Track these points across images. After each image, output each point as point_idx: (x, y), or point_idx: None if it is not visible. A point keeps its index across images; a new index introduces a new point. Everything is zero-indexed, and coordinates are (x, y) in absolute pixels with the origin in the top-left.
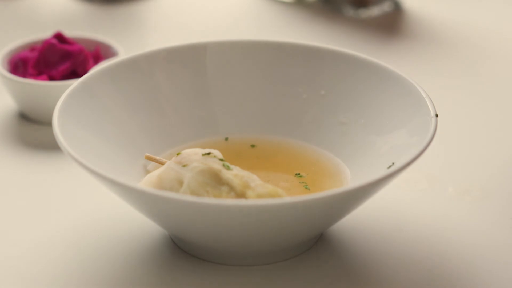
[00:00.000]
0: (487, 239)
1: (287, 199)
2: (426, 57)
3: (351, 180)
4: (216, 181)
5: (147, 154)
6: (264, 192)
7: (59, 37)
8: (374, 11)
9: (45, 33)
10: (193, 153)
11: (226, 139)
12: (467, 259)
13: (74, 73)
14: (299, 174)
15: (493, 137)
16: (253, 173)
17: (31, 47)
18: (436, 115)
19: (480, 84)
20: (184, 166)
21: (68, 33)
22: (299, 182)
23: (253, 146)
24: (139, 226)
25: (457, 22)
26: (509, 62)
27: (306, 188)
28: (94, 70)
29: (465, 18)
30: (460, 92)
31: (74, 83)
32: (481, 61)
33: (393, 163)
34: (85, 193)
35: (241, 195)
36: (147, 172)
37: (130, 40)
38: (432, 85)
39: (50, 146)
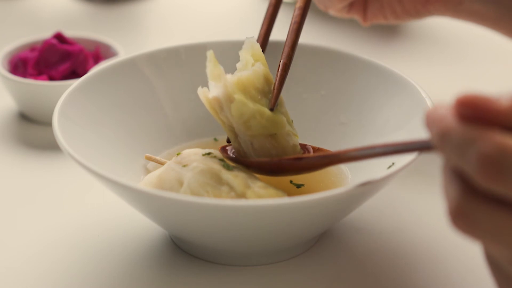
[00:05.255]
0: None
1: (287, 199)
2: (426, 57)
3: (351, 180)
4: (216, 181)
5: (147, 154)
6: (264, 192)
7: (59, 37)
8: None
9: (45, 33)
10: (193, 153)
11: (215, 139)
12: (467, 259)
13: (74, 73)
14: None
15: None
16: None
17: (31, 47)
18: None
19: (480, 84)
20: (184, 166)
21: (68, 33)
22: (299, 184)
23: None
24: (139, 226)
25: (457, 23)
26: (511, 63)
27: (304, 188)
28: (94, 70)
29: None
30: (460, 92)
31: (74, 83)
32: (482, 61)
33: (393, 163)
34: (85, 193)
35: (241, 195)
36: (147, 172)
37: (130, 40)
38: (432, 85)
39: (50, 146)
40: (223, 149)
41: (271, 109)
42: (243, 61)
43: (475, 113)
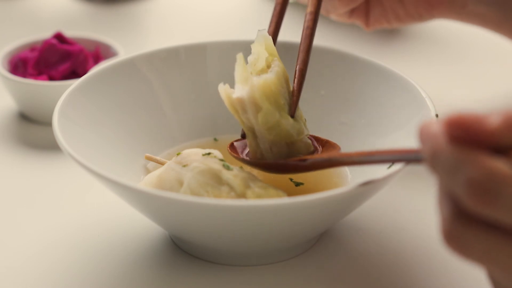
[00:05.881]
0: None
1: (287, 199)
2: (426, 57)
3: (351, 180)
4: (216, 181)
5: (147, 154)
6: (264, 192)
7: (59, 37)
8: None
9: (45, 33)
10: (193, 153)
11: (215, 139)
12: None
13: (74, 73)
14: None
15: None
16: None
17: (31, 47)
18: (436, 115)
19: (481, 84)
20: (184, 166)
21: (68, 33)
22: (298, 182)
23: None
24: (139, 226)
25: (457, 23)
26: (511, 64)
27: (303, 187)
28: (94, 70)
29: None
30: (461, 92)
31: (74, 83)
32: (482, 62)
33: (393, 163)
34: (85, 193)
35: (241, 195)
36: (147, 172)
37: (130, 40)
38: (432, 85)
39: (50, 146)
40: (232, 147)
41: (292, 116)
42: (255, 54)
43: (465, 134)
